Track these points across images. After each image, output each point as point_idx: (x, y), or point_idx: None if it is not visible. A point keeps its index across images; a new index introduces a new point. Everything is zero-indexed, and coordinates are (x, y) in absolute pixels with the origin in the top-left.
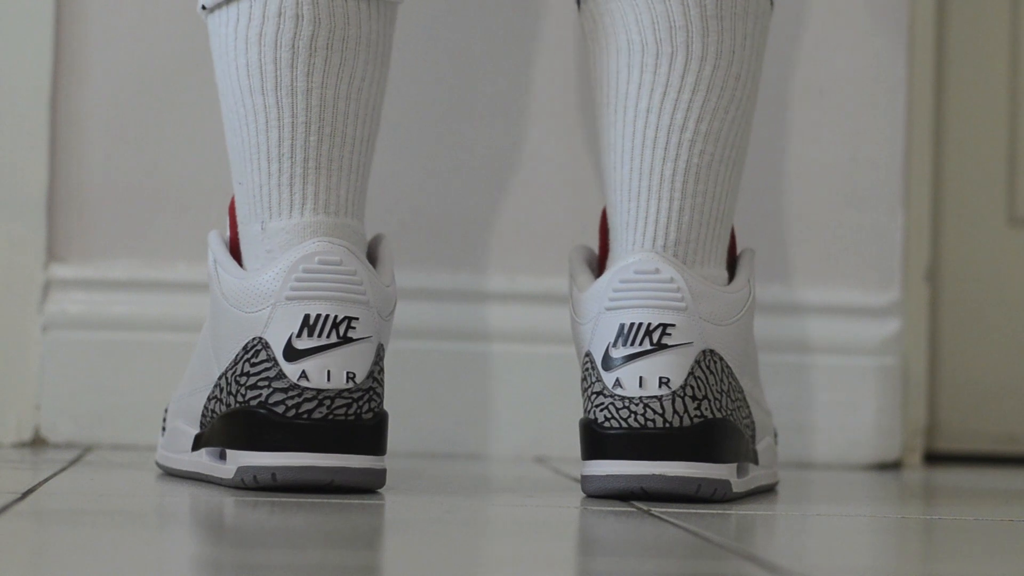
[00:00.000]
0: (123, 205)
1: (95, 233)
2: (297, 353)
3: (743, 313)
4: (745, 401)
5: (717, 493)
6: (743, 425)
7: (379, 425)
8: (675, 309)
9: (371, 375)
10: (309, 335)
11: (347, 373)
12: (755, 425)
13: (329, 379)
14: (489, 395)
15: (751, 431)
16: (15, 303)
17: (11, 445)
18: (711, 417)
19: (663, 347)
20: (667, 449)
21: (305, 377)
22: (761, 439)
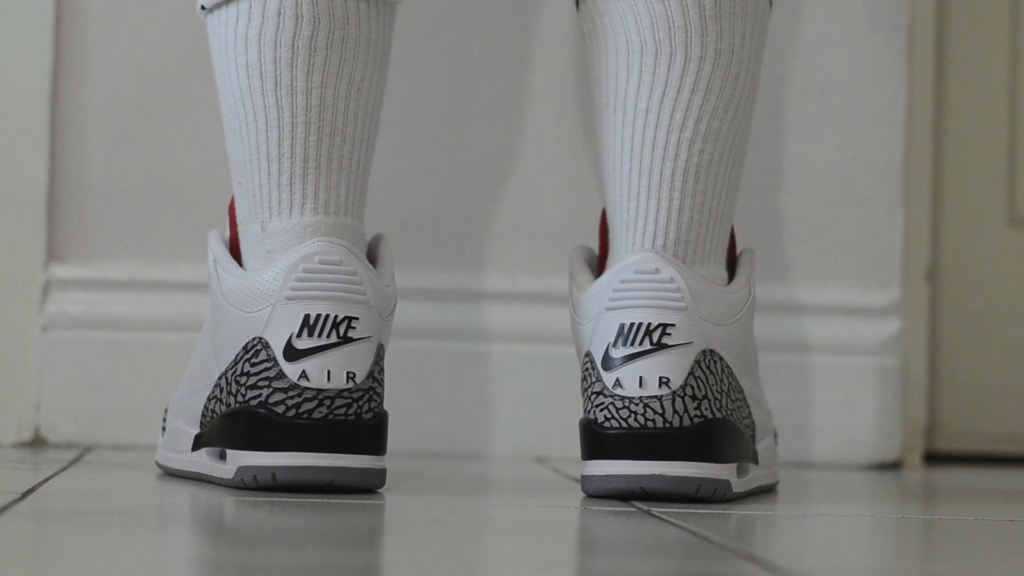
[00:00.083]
0: (123, 205)
1: (95, 233)
2: (297, 353)
3: (743, 313)
4: (745, 401)
5: (717, 493)
6: (743, 425)
7: (379, 425)
8: (675, 309)
9: (371, 375)
10: (309, 335)
11: (347, 373)
12: (755, 425)
13: (329, 379)
14: (489, 395)
15: (751, 431)
16: (15, 303)
17: (11, 445)
18: (711, 417)
19: (663, 347)
20: (667, 449)
21: (305, 377)
22: (761, 439)
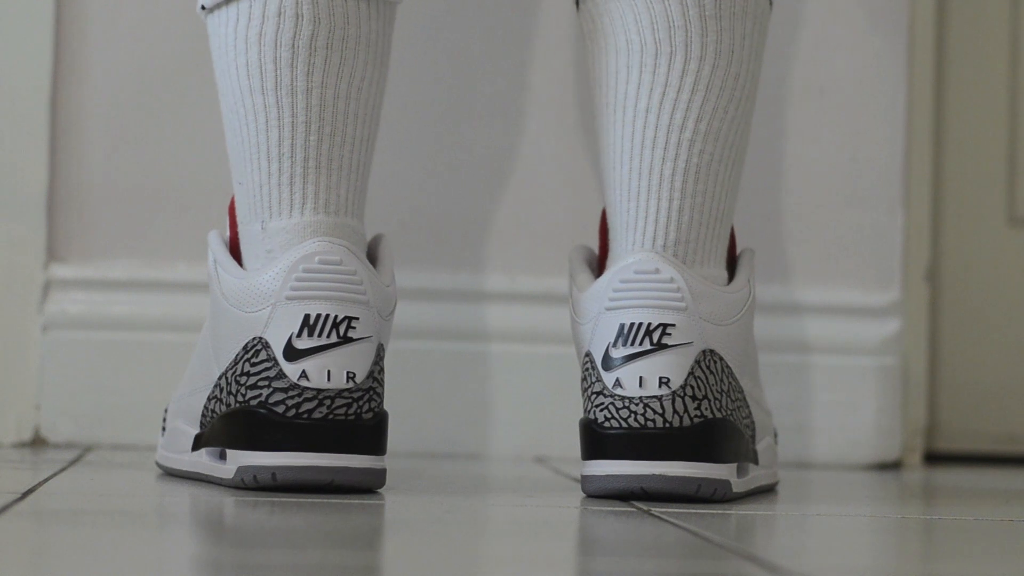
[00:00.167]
0: (123, 205)
1: (95, 233)
2: (297, 353)
3: (743, 313)
4: (745, 401)
5: (717, 493)
6: (743, 425)
7: (379, 425)
8: (675, 309)
9: (371, 375)
10: (309, 335)
11: (347, 373)
12: (755, 425)
13: (329, 379)
14: (489, 395)
15: (751, 431)
16: (15, 303)
17: (11, 445)
18: (711, 417)
19: (663, 347)
20: (667, 449)
21: (305, 377)
22: (761, 439)
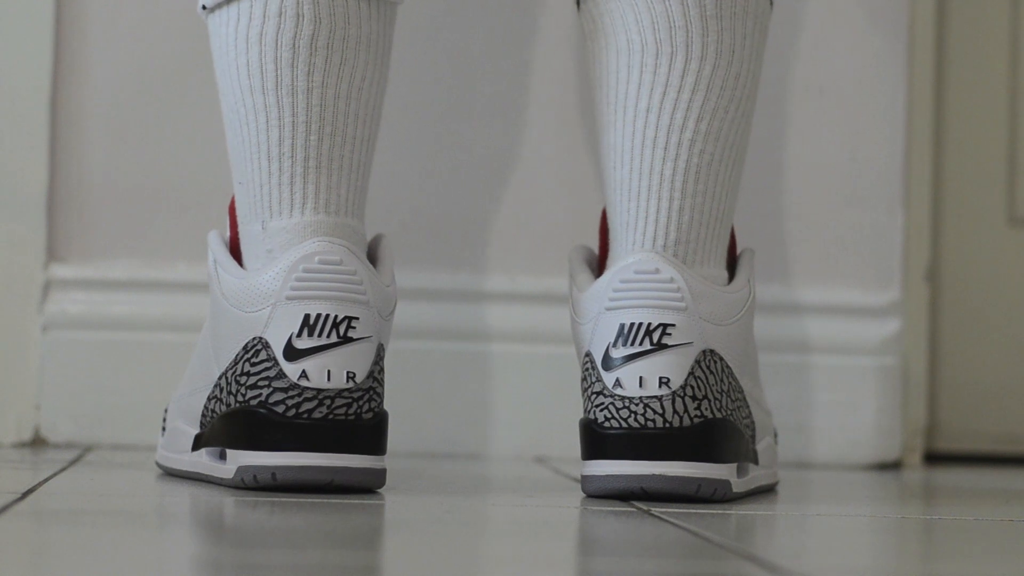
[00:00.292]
0: (123, 205)
1: (95, 233)
2: (297, 353)
3: (743, 313)
4: (745, 401)
5: (717, 493)
6: (743, 425)
7: (379, 425)
8: (675, 309)
9: (371, 375)
10: (309, 335)
11: (347, 373)
12: (755, 425)
13: (329, 379)
14: (489, 395)
15: (751, 431)
16: (15, 303)
17: (11, 445)
18: (711, 417)
19: (663, 347)
20: (667, 449)
21: (305, 377)
22: (761, 439)
